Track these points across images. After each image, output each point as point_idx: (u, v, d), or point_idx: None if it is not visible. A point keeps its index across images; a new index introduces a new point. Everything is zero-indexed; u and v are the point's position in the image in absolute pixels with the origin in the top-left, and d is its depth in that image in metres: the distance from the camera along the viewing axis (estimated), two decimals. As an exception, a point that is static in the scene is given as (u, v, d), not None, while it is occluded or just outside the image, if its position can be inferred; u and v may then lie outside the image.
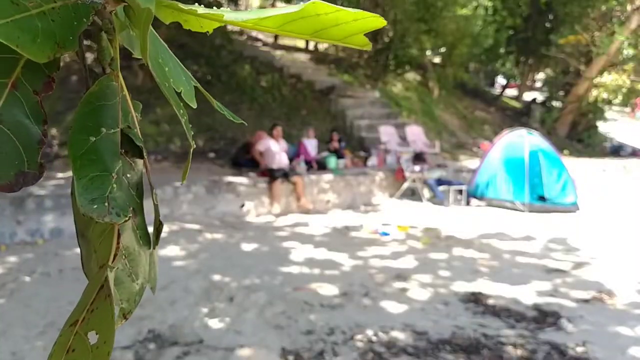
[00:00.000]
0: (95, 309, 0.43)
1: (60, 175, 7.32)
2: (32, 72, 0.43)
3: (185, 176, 0.52)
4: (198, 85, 0.53)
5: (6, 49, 0.38)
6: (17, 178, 0.41)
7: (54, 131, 8.38)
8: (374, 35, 14.34)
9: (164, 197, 6.94)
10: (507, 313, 4.25)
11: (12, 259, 5.29)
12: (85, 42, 0.47)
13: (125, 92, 0.47)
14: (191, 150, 0.49)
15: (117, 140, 0.44)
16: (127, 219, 0.43)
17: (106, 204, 0.42)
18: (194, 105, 0.50)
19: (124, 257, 0.46)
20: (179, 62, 0.53)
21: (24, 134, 0.42)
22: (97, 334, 0.42)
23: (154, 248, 0.49)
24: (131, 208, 0.44)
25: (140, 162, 0.46)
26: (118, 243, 0.45)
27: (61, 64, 0.44)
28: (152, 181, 0.49)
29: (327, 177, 8.90)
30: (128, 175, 0.45)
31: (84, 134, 0.43)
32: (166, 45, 0.52)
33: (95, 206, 0.41)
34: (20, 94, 0.42)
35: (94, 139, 0.43)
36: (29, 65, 0.42)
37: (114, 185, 0.43)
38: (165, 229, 6.07)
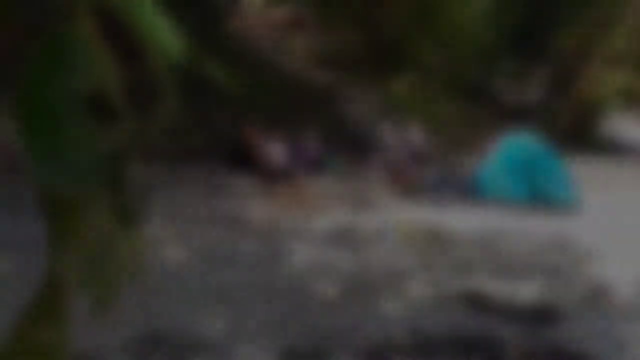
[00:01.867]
0: (49, 302, 0.36)
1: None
2: None
3: None
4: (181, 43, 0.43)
5: None
6: None
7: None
8: (373, 35, 14.34)
9: (162, 197, 6.91)
10: (507, 311, 4.24)
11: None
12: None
13: (96, 43, 0.38)
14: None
15: (81, 97, 0.36)
16: (94, 191, 0.36)
17: (67, 172, 0.34)
18: (174, 61, 0.41)
19: (95, 238, 0.38)
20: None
21: None
22: (50, 331, 0.36)
23: (134, 228, 0.42)
24: (102, 179, 0.36)
25: (115, 128, 0.38)
26: (85, 221, 0.37)
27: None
28: (132, 151, 0.41)
29: (327, 177, 8.88)
30: (98, 142, 0.37)
31: (39, 88, 0.35)
32: None
33: (55, 175, 0.34)
34: None
35: (52, 93, 0.35)
36: None
37: (78, 151, 0.35)
38: (164, 228, 6.05)
